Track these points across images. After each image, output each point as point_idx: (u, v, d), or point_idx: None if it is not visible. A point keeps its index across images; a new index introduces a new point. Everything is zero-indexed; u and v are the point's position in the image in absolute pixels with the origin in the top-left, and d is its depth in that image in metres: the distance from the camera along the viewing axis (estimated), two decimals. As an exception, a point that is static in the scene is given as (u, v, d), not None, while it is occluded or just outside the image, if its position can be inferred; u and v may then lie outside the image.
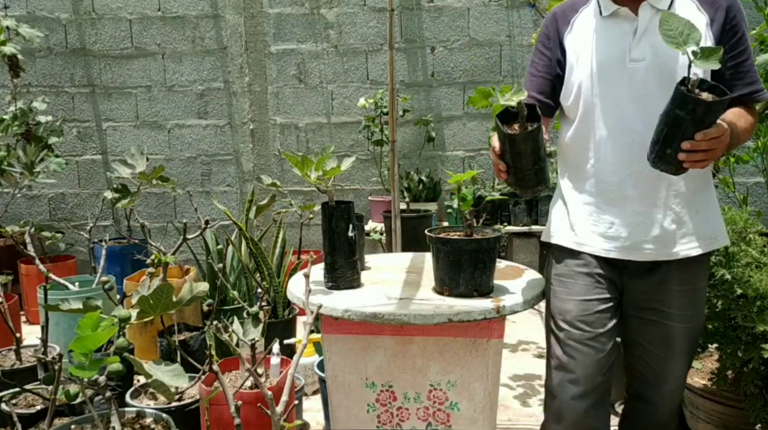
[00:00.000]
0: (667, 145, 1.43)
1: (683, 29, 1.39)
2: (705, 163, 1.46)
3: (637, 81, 1.66)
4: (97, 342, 1.25)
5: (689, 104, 1.37)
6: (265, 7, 4.51)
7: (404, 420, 1.80)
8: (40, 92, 4.57)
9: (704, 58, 1.37)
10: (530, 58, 1.89)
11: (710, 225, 1.73)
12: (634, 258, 1.70)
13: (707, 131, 1.40)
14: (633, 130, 1.66)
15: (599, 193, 1.73)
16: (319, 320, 1.80)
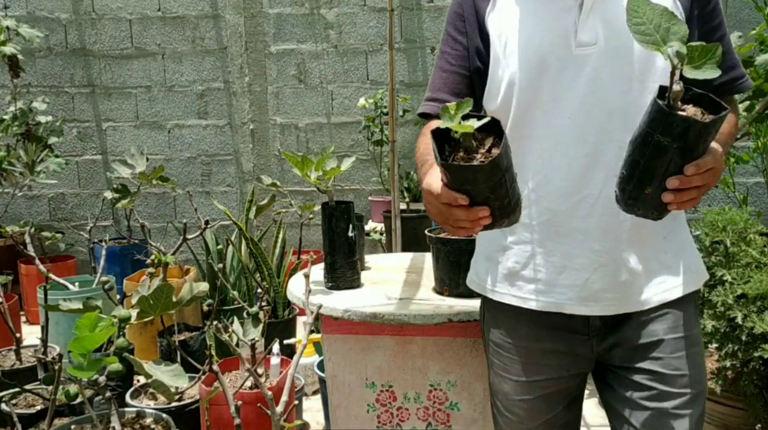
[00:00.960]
0: (645, 182, 1.05)
1: (660, 20, 1.01)
2: (696, 202, 1.09)
3: (587, 73, 1.24)
4: (95, 342, 1.25)
5: (675, 127, 0.98)
6: (265, 7, 4.51)
7: (404, 420, 1.80)
8: (40, 92, 4.57)
9: (695, 61, 0.99)
10: (438, 48, 1.43)
11: (688, 256, 1.35)
12: (594, 312, 1.29)
13: (701, 162, 1.02)
14: (585, 139, 1.25)
15: (543, 227, 1.30)
16: (319, 320, 1.80)
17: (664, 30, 1.00)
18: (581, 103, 1.25)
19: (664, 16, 1.01)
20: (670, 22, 1.00)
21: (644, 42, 1.00)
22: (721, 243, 2.26)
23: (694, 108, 1.02)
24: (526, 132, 1.29)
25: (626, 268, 1.27)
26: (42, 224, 4.51)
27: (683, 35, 0.99)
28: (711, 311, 2.16)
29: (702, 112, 1.01)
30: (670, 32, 1.00)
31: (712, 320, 2.17)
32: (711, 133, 1.01)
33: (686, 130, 0.99)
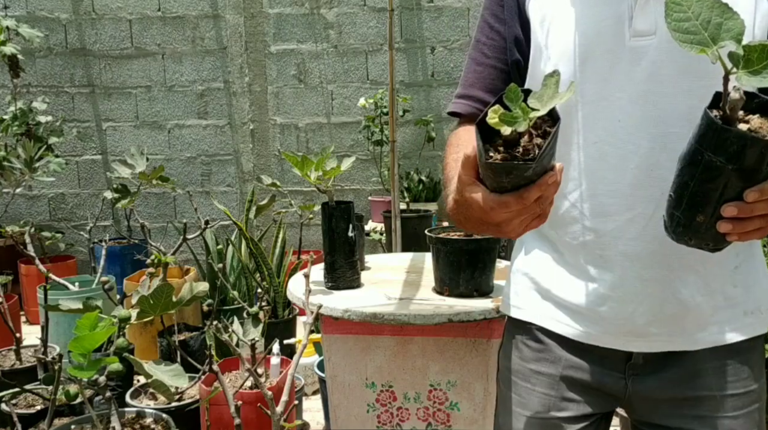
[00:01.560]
0: (696, 209, 0.89)
1: (709, 15, 0.81)
2: (763, 233, 0.90)
3: (643, 68, 1.05)
4: (95, 342, 1.25)
5: (730, 145, 0.81)
6: (265, 7, 4.51)
7: (404, 420, 1.80)
8: (40, 92, 4.57)
9: (754, 64, 0.80)
10: (474, 37, 1.26)
11: (761, 291, 1.14)
12: (639, 348, 1.12)
13: (766, 186, 0.83)
14: (637, 148, 1.06)
15: (585, 248, 1.13)
16: (319, 320, 1.80)
17: (714, 27, 0.81)
18: (634, 104, 1.06)
19: (715, 9, 0.81)
20: (723, 16, 0.81)
21: (687, 43, 0.81)
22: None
23: (761, 120, 0.83)
24: (567, 137, 1.11)
25: (680, 300, 1.08)
26: (42, 224, 4.51)
27: (739, 32, 0.80)
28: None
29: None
30: (723, 29, 0.80)
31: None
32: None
33: (743, 149, 0.81)
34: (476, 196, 0.88)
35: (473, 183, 0.89)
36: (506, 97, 0.82)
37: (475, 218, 0.91)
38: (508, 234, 0.92)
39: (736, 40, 0.80)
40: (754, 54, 0.79)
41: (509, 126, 0.80)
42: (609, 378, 1.14)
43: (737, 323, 1.11)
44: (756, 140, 0.80)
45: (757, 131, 0.81)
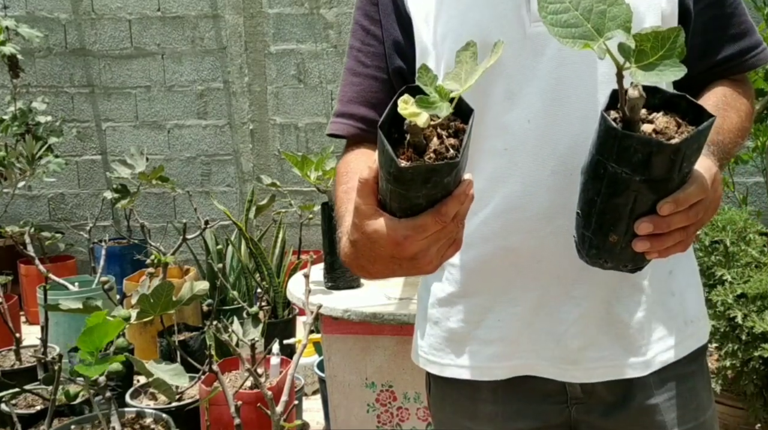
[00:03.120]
0: (608, 228, 0.76)
1: (589, 2, 0.68)
2: (685, 246, 0.79)
3: (549, 58, 0.90)
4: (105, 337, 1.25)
5: (634, 153, 0.69)
6: (265, 7, 4.51)
7: (404, 420, 1.81)
8: (39, 92, 4.56)
9: (648, 56, 0.67)
10: (349, 44, 1.07)
11: (696, 297, 1.03)
12: (575, 379, 0.97)
13: (681, 196, 0.73)
14: (553, 151, 0.91)
15: (500, 270, 0.97)
16: (319, 320, 1.80)
17: (597, 15, 0.67)
18: (544, 100, 0.91)
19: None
20: (605, 2, 0.68)
21: (568, 38, 0.67)
22: (721, 242, 2.26)
23: (666, 117, 0.71)
24: (475, 144, 0.90)
25: (617, 319, 0.94)
26: (42, 224, 4.50)
27: (626, 19, 0.67)
28: (711, 310, 2.16)
29: (677, 123, 0.71)
30: (608, 17, 0.67)
31: (712, 320, 2.18)
32: (689, 154, 0.70)
33: (649, 157, 0.68)
34: (381, 228, 0.71)
35: (375, 212, 0.72)
36: (419, 79, 0.69)
37: (383, 256, 0.74)
38: (424, 268, 0.75)
39: (625, 28, 0.67)
40: (647, 44, 0.67)
41: (428, 111, 0.66)
42: (552, 414, 1.00)
43: (680, 336, 0.98)
44: (662, 146, 0.68)
45: (663, 132, 0.70)
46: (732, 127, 0.94)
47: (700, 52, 0.97)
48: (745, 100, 0.99)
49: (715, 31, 0.97)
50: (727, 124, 0.94)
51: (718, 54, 0.98)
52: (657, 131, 0.70)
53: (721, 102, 0.96)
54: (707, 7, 0.96)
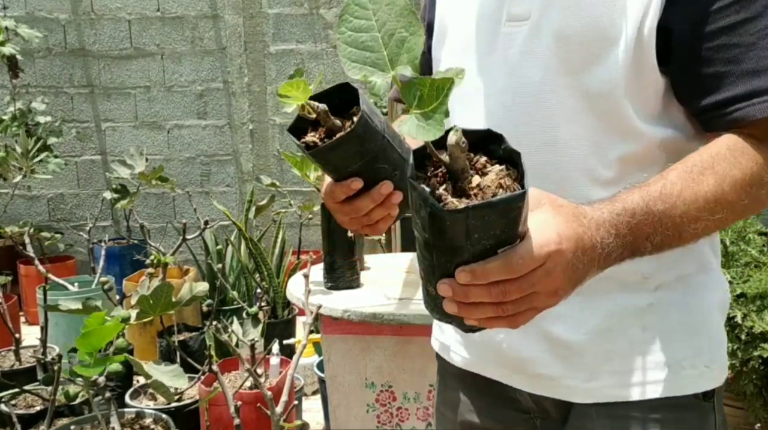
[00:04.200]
0: (425, 278, 0.70)
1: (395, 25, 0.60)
2: (511, 323, 0.68)
3: (509, 59, 0.88)
4: (103, 339, 1.25)
5: (419, 207, 0.62)
6: (264, 7, 4.51)
7: (404, 420, 1.80)
8: (39, 93, 4.56)
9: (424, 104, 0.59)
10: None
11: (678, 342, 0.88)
12: (521, 386, 0.93)
13: (477, 269, 0.63)
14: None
15: None
16: (319, 321, 1.80)
17: (396, 42, 0.59)
18: (497, 102, 0.89)
19: (402, 18, 0.59)
20: (409, 29, 0.59)
21: (357, 63, 0.59)
22: (720, 242, 2.26)
23: (504, 172, 0.62)
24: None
25: (555, 337, 0.87)
26: (41, 225, 4.50)
27: (416, 55, 0.59)
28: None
29: (508, 186, 0.62)
30: (404, 47, 0.59)
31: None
32: (480, 225, 0.60)
33: (429, 217, 0.61)
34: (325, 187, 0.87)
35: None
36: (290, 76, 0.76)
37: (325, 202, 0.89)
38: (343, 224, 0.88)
39: (414, 66, 0.59)
40: (425, 89, 0.58)
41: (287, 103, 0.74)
42: (516, 421, 0.95)
43: (640, 377, 0.86)
44: (436, 209, 0.60)
45: (485, 191, 0.61)
46: (699, 196, 0.75)
47: (702, 89, 0.81)
48: (750, 163, 0.77)
49: (726, 64, 0.79)
50: (689, 192, 0.75)
51: (724, 92, 0.79)
52: (481, 187, 0.61)
53: (703, 162, 0.77)
54: (718, 32, 0.79)
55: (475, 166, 0.63)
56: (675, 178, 0.75)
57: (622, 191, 0.74)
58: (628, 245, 0.71)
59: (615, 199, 0.73)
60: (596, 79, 0.82)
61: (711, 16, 0.78)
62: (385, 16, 0.60)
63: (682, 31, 0.80)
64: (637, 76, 0.82)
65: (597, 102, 0.83)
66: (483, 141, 0.64)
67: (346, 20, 0.61)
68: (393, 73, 0.59)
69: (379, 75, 0.58)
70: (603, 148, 0.84)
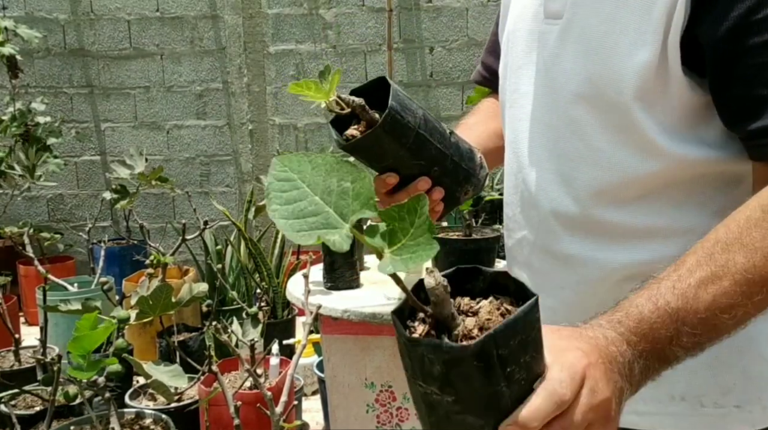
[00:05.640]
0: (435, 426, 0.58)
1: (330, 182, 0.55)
2: None
3: (544, 57, 0.87)
4: (94, 342, 1.25)
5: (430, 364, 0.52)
6: (264, 7, 4.50)
7: (404, 420, 1.80)
8: (38, 93, 4.56)
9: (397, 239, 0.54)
10: None
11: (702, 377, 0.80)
12: None
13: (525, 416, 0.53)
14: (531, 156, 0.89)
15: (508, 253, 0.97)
16: (318, 321, 1.80)
17: (339, 196, 0.54)
18: (535, 103, 0.89)
19: (334, 173, 0.55)
20: (347, 179, 0.54)
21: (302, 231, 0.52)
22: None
23: (493, 303, 0.56)
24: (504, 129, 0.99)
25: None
26: (41, 225, 4.50)
27: (368, 195, 0.53)
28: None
29: (505, 312, 0.55)
30: (351, 195, 0.54)
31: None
32: (509, 354, 0.51)
33: (448, 369, 0.51)
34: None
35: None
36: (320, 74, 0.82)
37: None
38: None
39: (370, 206, 0.53)
40: (395, 223, 0.53)
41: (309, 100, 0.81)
42: None
43: (652, 406, 0.80)
44: (455, 351, 0.50)
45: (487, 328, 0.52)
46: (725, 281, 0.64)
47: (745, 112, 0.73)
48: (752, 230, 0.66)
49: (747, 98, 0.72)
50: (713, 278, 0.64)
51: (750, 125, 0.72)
52: (480, 327, 0.54)
53: (728, 236, 0.66)
54: (758, 48, 0.70)
55: (462, 310, 0.56)
56: (693, 264, 0.64)
57: (630, 294, 0.65)
58: (647, 354, 0.61)
59: (617, 308, 0.64)
60: (609, 88, 0.79)
61: (748, 30, 0.70)
62: (314, 178, 0.55)
63: (716, 45, 0.73)
64: (659, 88, 0.76)
65: (613, 114, 0.79)
66: (457, 283, 0.58)
67: (275, 198, 0.54)
68: (348, 224, 0.52)
69: (333, 233, 0.52)
70: (620, 164, 0.80)
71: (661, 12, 0.74)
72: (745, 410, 0.80)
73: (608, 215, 0.81)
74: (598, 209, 0.82)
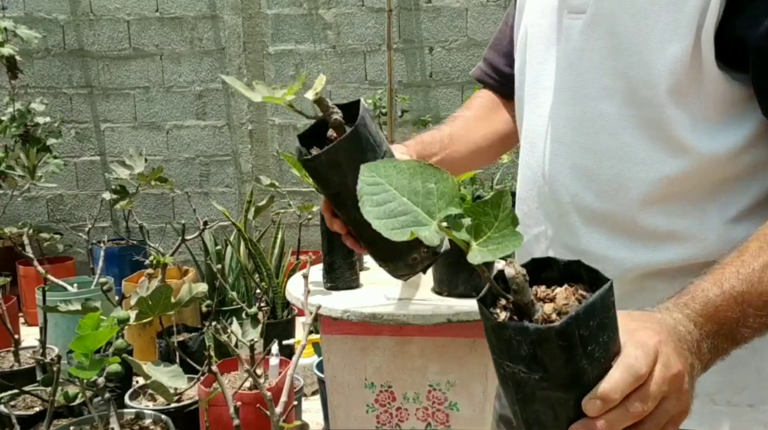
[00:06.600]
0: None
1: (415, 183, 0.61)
2: None
3: (568, 55, 0.86)
4: (97, 342, 1.25)
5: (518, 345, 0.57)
6: (263, 7, 4.50)
7: (403, 420, 1.80)
8: (38, 93, 4.56)
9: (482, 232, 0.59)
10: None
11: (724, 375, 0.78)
12: None
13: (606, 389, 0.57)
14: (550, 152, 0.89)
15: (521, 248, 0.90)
16: (318, 321, 1.80)
17: (425, 196, 0.59)
18: (557, 99, 0.88)
19: (418, 175, 0.60)
20: (432, 180, 0.60)
21: (399, 229, 0.58)
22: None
23: (568, 289, 0.61)
24: (518, 123, 0.99)
25: None
26: (40, 225, 4.50)
27: (453, 194, 0.59)
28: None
29: (581, 297, 0.60)
30: (437, 195, 0.59)
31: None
32: (590, 335, 0.57)
33: (534, 348, 0.56)
34: None
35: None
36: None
37: None
38: None
39: (455, 204, 0.59)
40: (481, 217, 0.59)
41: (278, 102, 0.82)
42: None
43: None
44: (542, 332, 0.56)
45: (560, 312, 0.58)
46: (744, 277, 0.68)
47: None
48: None
49: None
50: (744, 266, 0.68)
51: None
52: (558, 312, 0.59)
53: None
54: None
55: (539, 298, 0.61)
56: (755, 250, 0.69)
57: (695, 281, 0.68)
58: (714, 334, 0.65)
59: (683, 293, 0.67)
60: (642, 83, 0.78)
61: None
62: (400, 180, 0.61)
63: (757, 41, 0.73)
64: (692, 83, 0.76)
65: (644, 109, 0.79)
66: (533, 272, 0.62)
67: (367, 201, 0.60)
68: (436, 221, 0.58)
69: (423, 229, 0.58)
70: (648, 160, 0.80)
71: (694, 6, 0.75)
72: (758, 410, 0.81)
73: (630, 212, 0.81)
74: (620, 206, 0.82)
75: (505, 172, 3.92)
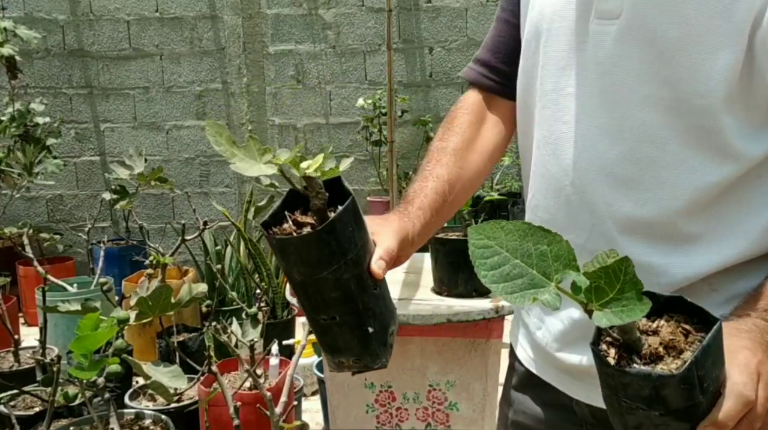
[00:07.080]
0: None
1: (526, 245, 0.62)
2: None
3: (601, 61, 0.83)
4: (97, 342, 1.25)
5: (639, 388, 0.62)
6: (263, 7, 4.50)
7: (403, 420, 1.80)
8: (38, 94, 4.56)
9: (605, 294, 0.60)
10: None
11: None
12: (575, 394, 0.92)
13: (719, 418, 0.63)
14: (564, 158, 0.88)
15: None
16: (318, 321, 1.79)
17: (539, 258, 0.61)
18: (585, 105, 0.85)
19: (529, 237, 0.62)
20: (543, 242, 0.61)
21: (517, 292, 0.60)
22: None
23: (671, 325, 0.64)
24: (525, 128, 0.95)
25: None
26: (40, 226, 4.50)
27: (570, 257, 0.61)
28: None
29: (685, 331, 0.64)
30: (551, 257, 0.61)
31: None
32: (705, 374, 0.61)
33: (656, 391, 0.61)
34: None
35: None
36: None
37: None
38: None
39: (572, 267, 0.61)
40: (600, 280, 0.60)
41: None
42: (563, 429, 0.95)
43: None
44: (665, 379, 0.60)
45: (672, 346, 0.62)
46: None
47: None
48: None
49: None
50: None
51: None
52: (665, 346, 0.63)
53: None
54: None
55: (641, 331, 0.64)
56: None
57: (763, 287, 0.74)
58: None
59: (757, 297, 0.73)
60: (693, 93, 0.77)
61: None
62: (510, 243, 0.62)
63: None
64: (743, 89, 0.76)
65: (692, 118, 0.78)
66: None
67: (480, 265, 0.62)
68: (554, 283, 0.61)
69: (543, 292, 0.60)
70: (694, 167, 0.79)
71: (745, 13, 0.74)
72: None
73: (672, 219, 0.81)
74: (662, 213, 0.81)
75: (504, 172, 3.92)
